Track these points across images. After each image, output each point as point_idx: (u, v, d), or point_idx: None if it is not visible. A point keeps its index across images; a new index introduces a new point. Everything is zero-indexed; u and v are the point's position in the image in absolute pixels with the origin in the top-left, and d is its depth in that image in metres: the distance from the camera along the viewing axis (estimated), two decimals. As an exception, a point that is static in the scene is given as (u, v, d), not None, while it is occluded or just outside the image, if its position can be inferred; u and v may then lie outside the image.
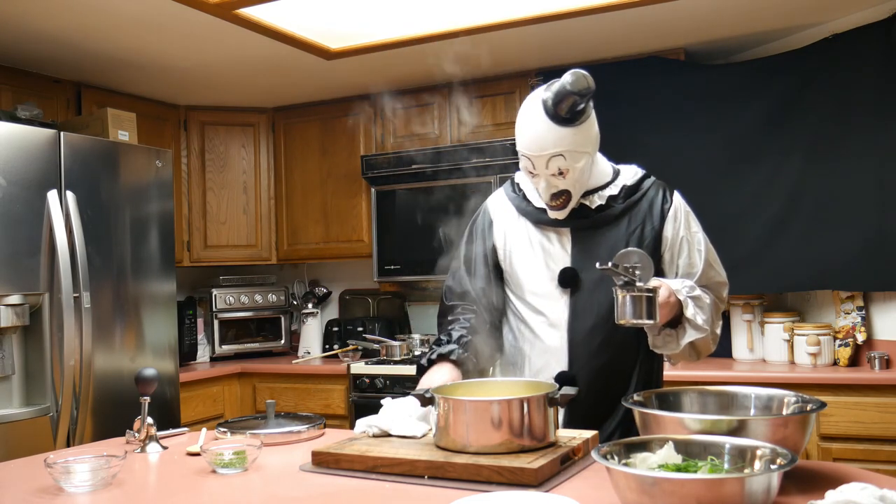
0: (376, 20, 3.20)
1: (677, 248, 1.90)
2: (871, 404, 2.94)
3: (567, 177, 1.82)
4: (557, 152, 1.78)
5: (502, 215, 2.02)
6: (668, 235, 1.90)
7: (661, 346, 1.85)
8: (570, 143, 1.78)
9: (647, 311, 1.67)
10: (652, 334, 1.84)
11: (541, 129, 1.79)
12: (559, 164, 1.80)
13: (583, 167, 1.83)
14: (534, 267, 1.94)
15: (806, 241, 3.30)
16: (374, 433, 1.76)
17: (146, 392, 1.95)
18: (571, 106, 1.75)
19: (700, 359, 1.91)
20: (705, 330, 1.79)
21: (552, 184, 1.83)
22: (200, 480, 1.64)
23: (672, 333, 1.82)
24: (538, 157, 1.80)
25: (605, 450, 1.27)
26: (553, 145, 1.78)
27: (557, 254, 1.91)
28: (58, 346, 2.93)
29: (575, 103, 1.75)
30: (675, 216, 1.90)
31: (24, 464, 1.89)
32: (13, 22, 3.04)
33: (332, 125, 4.40)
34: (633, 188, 1.92)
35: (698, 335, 1.80)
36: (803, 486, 1.35)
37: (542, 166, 1.81)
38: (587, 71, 1.75)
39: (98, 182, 3.17)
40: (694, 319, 1.78)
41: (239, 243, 4.49)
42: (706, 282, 1.89)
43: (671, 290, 1.75)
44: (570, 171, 1.81)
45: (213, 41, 3.36)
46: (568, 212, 1.88)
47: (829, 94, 3.28)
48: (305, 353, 4.41)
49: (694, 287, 1.81)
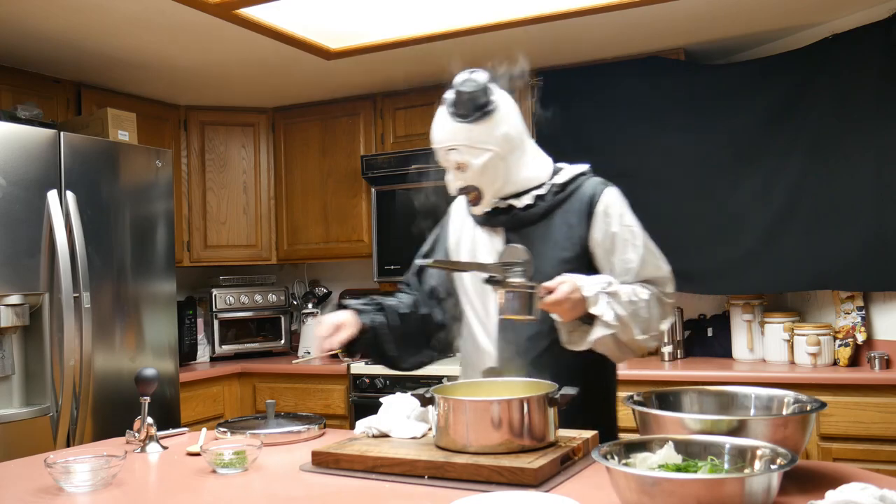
0: (376, 20, 3.20)
1: (609, 246, 1.89)
2: (871, 404, 2.94)
3: (467, 172, 1.87)
4: (451, 146, 1.87)
5: (458, 215, 2.11)
6: (598, 233, 1.89)
7: (574, 343, 1.83)
8: (465, 139, 1.85)
9: (524, 307, 1.70)
10: (564, 330, 1.83)
11: (439, 123, 1.90)
12: (455, 158, 1.87)
13: (485, 164, 1.86)
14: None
15: (806, 241, 3.30)
16: (374, 434, 1.76)
17: (146, 392, 1.95)
18: (466, 102, 1.84)
19: (637, 356, 1.91)
20: (615, 327, 1.75)
21: (457, 177, 1.91)
22: (200, 480, 1.64)
23: (586, 329, 1.80)
24: (437, 150, 1.91)
25: (605, 450, 1.27)
26: (447, 139, 1.87)
27: (488, 253, 1.96)
28: (58, 346, 2.93)
29: (469, 99, 1.83)
30: (606, 213, 1.89)
31: (24, 464, 1.89)
32: (13, 22, 3.04)
33: (332, 125, 4.40)
34: (561, 186, 1.93)
35: (607, 332, 1.76)
36: (803, 486, 1.35)
37: (443, 158, 1.90)
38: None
39: (98, 182, 3.17)
40: (601, 316, 1.75)
41: (239, 243, 4.49)
42: (647, 276, 1.87)
43: (575, 286, 1.73)
44: (469, 165, 1.86)
45: (213, 41, 3.36)
46: (484, 208, 1.93)
47: (829, 94, 3.28)
48: (305, 353, 4.40)
49: (612, 283, 1.78)
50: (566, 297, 1.72)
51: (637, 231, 1.91)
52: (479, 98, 1.84)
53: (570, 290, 1.72)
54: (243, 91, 4.22)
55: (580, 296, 1.74)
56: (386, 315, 2.02)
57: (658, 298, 1.86)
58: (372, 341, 1.99)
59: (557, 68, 3.83)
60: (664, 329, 1.89)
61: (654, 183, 3.60)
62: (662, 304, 1.87)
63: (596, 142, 3.72)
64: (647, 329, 1.82)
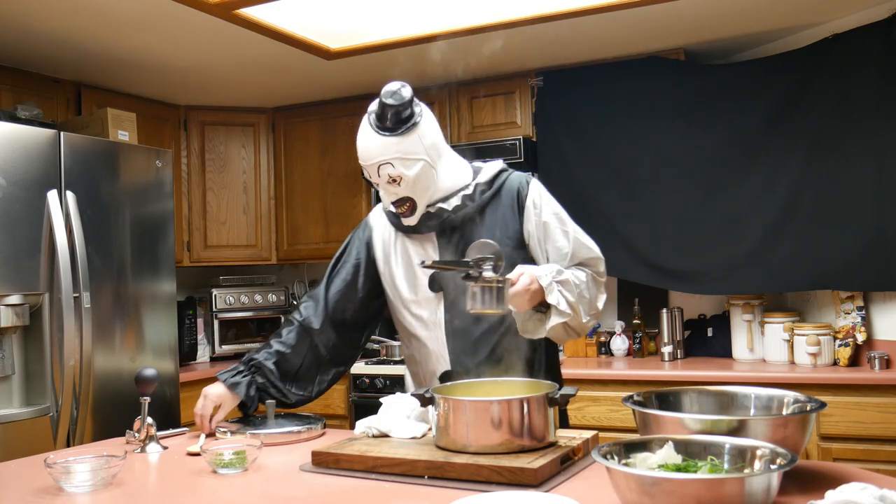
0: (376, 20, 3.20)
1: (542, 235, 1.95)
2: (871, 404, 2.94)
3: (402, 183, 1.88)
4: (385, 160, 1.86)
5: (380, 229, 2.10)
6: (531, 225, 1.95)
7: (531, 331, 1.88)
8: (397, 151, 1.86)
9: (495, 299, 1.71)
10: (520, 320, 1.87)
11: (367, 139, 1.90)
12: (389, 172, 1.87)
13: (418, 174, 1.88)
14: (407, 275, 2.01)
15: (806, 241, 3.30)
16: (374, 434, 1.76)
17: (146, 392, 1.95)
18: (392, 116, 1.85)
19: (581, 336, 1.98)
20: (569, 314, 1.82)
21: (390, 191, 1.91)
22: (200, 480, 1.64)
23: (541, 318, 1.86)
24: (369, 167, 1.89)
25: (605, 450, 1.27)
26: (379, 154, 1.87)
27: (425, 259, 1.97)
28: (58, 346, 2.93)
29: (395, 113, 1.85)
30: (535, 205, 1.95)
31: (24, 464, 1.89)
32: (13, 22, 3.04)
33: (332, 125, 4.40)
34: (487, 184, 1.98)
35: (562, 319, 1.82)
36: (803, 486, 1.35)
37: (375, 175, 1.89)
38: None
39: (98, 182, 3.17)
40: (558, 305, 1.80)
41: (239, 243, 4.49)
42: (580, 259, 1.93)
43: (533, 277, 1.78)
44: (403, 178, 1.87)
45: (213, 41, 3.36)
46: (417, 217, 1.95)
47: (829, 94, 3.28)
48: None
49: (561, 271, 1.84)
50: (526, 289, 1.76)
51: (565, 217, 1.97)
52: (405, 110, 1.86)
53: (529, 282, 1.77)
54: (243, 91, 4.22)
55: (537, 286, 1.79)
56: (264, 373, 2.10)
57: (593, 278, 1.93)
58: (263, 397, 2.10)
59: (557, 68, 3.84)
60: (601, 307, 1.96)
61: (653, 183, 3.61)
62: (598, 284, 1.95)
63: (596, 142, 3.73)
64: (590, 310, 1.90)
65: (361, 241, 2.13)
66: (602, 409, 3.35)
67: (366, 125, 1.92)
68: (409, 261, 2.02)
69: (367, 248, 2.11)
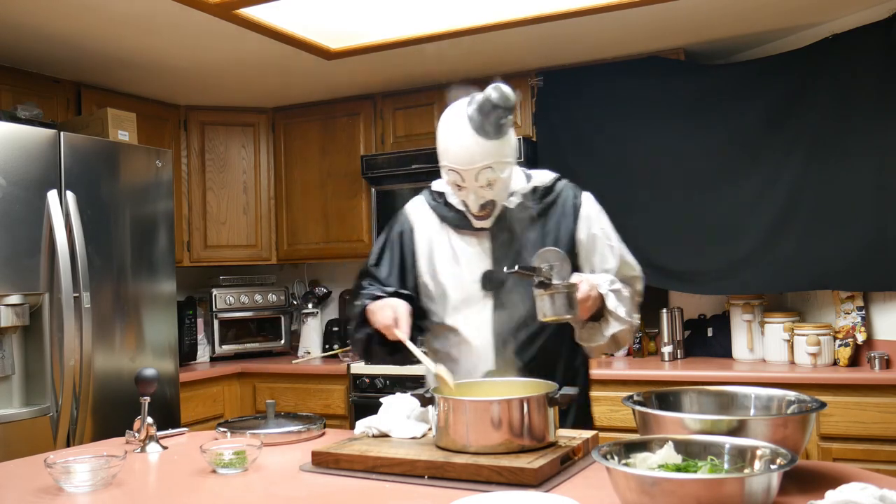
0: (376, 20, 3.20)
1: (590, 247, 1.98)
2: (871, 404, 2.94)
3: (494, 187, 1.88)
4: (487, 164, 1.84)
5: (424, 223, 2.06)
6: (582, 234, 1.97)
7: (587, 339, 1.92)
8: (497, 155, 1.84)
9: (566, 306, 1.72)
10: (578, 327, 1.90)
11: (470, 143, 1.83)
12: (488, 176, 1.85)
13: (507, 176, 1.90)
14: (456, 272, 1.98)
15: (806, 241, 3.30)
16: (374, 434, 1.76)
17: (146, 392, 1.95)
18: (497, 119, 1.82)
19: (619, 349, 2.00)
20: (627, 321, 1.87)
21: (480, 195, 1.88)
22: (200, 480, 1.64)
23: (596, 326, 1.89)
24: (468, 171, 1.85)
25: (605, 450, 1.27)
26: (483, 158, 1.83)
27: (478, 257, 1.97)
28: (58, 346, 2.93)
29: (500, 117, 1.82)
30: (588, 216, 1.98)
31: (24, 464, 1.89)
32: (13, 22, 3.04)
33: (332, 125, 4.40)
34: (547, 189, 1.99)
35: (621, 326, 1.86)
36: (803, 486, 1.35)
37: (472, 179, 1.86)
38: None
39: (98, 182, 3.17)
40: (616, 311, 1.84)
41: (239, 243, 4.49)
42: (622, 276, 1.96)
43: (592, 285, 1.80)
44: (497, 181, 1.87)
45: (213, 41, 3.36)
46: (493, 220, 1.95)
47: (829, 94, 3.28)
48: (305, 353, 4.41)
49: (614, 280, 1.89)
50: (587, 295, 1.77)
51: (612, 234, 2.01)
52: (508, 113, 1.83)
53: (590, 289, 1.79)
54: (243, 91, 4.22)
55: (597, 293, 1.81)
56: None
57: (632, 296, 1.97)
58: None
59: (557, 68, 3.83)
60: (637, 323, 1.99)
61: (653, 183, 3.61)
62: (635, 302, 1.99)
63: (596, 142, 3.73)
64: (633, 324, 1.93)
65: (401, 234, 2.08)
66: (602, 409, 3.34)
67: (463, 127, 1.85)
68: (456, 256, 1.98)
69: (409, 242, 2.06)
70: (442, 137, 1.90)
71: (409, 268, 2.05)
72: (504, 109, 1.81)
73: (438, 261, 2.01)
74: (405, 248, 2.06)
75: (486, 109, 1.81)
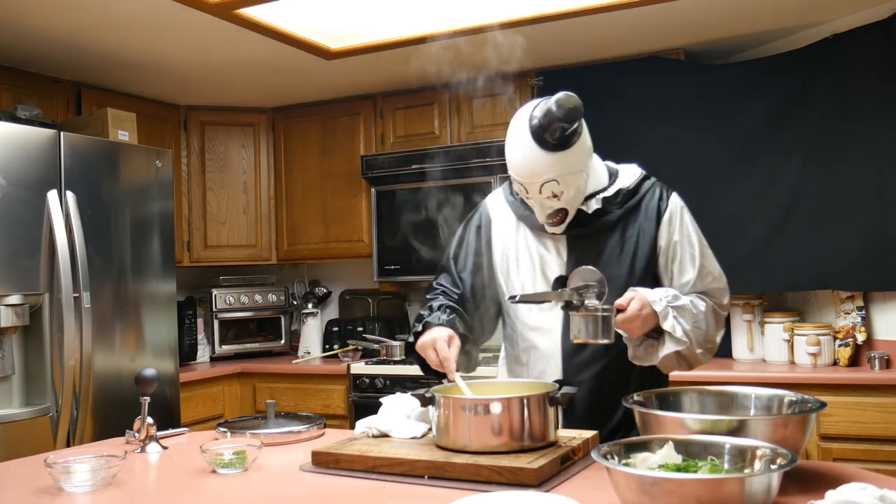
0: (376, 20, 3.20)
1: (671, 254, 1.86)
2: (871, 404, 2.94)
3: (562, 198, 1.78)
4: (550, 178, 1.74)
5: (501, 218, 1.99)
6: (663, 241, 1.86)
7: (641, 358, 1.80)
8: (562, 168, 1.74)
9: (600, 330, 1.65)
10: (631, 345, 1.80)
11: (530, 156, 1.74)
12: (552, 189, 1.76)
13: (578, 186, 1.79)
14: (529, 273, 1.91)
15: (806, 241, 3.30)
16: (374, 434, 1.76)
17: (146, 392, 1.95)
18: (561, 131, 1.71)
19: (693, 368, 1.86)
20: (684, 342, 1.74)
21: (546, 205, 1.80)
22: (200, 480, 1.64)
23: (653, 345, 1.78)
24: (530, 184, 1.77)
25: (605, 450, 1.27)
26: (544, 172, 1.74)
27: (553, 261, 1.88)
28: (58, 346, 2.93)
29: (564, 129, 1.71)
30: (671, 220, 1.86)
31: (24, 464, 1.89)
32: (13, 22, 3.04)
33: (332, 125, 4.40)
34: (630, 192, 1.87)
35: (677, 347, 1.74)
36: (803, 486, 1.35)
37: (536, 191, 1.77)
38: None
39: (98, 182, 3.17)
40: (672, 332, 1.73)
41: (239, 243, 4.49)
42: (703, 288, 1.84)
43: (644, 302, 1.70)
44: (565, 192, 1.77)
45: (213, 41, 3.36)
46: (566, 226, 1.85)
47: (829, 94, 3.28)
48: (305, 353, 4.40)
49: (678, 297, 1.76)
50: (637, 314, 1.68)
51: (696, 241, 1.88)
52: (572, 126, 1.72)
53: (640, 307, 1.69)
54: (243, 91, 4.22)
55: (650, 311, 1.70)
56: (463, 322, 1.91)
57: (713, 310, 1.83)
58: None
59: (557, 68, 3.83)
60: (718, 341, 1.85)
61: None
62: (717, 316, 1.84)
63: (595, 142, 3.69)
64: (705, 342, 1.80)
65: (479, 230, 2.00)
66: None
67: (525, 139, 1.74)
68: (531, 257, 1.90)
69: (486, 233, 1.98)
70: (507, 145, 1.81)
71: (486, 264, 1.97)
72: (567, 122, 1.69)
73: (512, 260, 1.93)
74: (481, 243, 1.98)
75: (548, 122, 1.70)
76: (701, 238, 1.90)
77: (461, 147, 3.88)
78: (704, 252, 1.88)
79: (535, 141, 1.73)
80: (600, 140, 3.98)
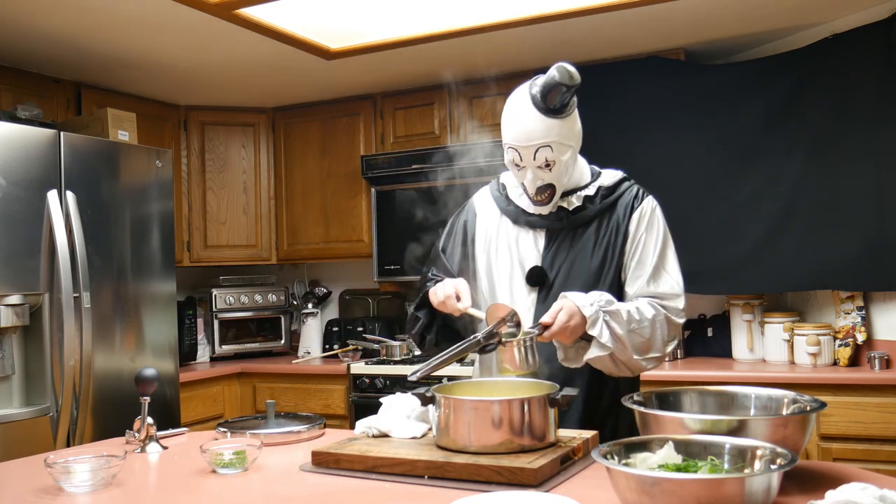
0: (376, 20, 3.20)
1: (633, 248, 1.90)
2: (871, 404, 2.94)
3: (553, 169, 1.85)
4: (545, 143, 1.82)
5: (486, 211, 2.06)
6: (630, 234, 1.91)
7: (571, 360, 1.82)
8: (557, 135, 1.82)
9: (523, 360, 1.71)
10: (561, 348, 1.82)
11: (529, 120, 1.83)
12: (546, 155, 1.83)
13: (567, 161, 1.87)
14: (506, 264, 1.97)
15: (806, 241, 3.30)
16: (374, 434, 1.76)
17: (146, 392, 1.95)
18: (560, 97, 1.81)
19: (636, 374, 1.88)
20: (609, 348, 1.75)
21: (538, 176, 1.86)
22: (200, 480, 1.64)
23: (585, 346, 1.79)
24: (526, 148, 1.84)
25: (605, 450, 1.27)
26: (542, 136, 1.82)
27: (529, 252, 1.95)
28: (58, 346, 2.93)
29: (562, 95, 1.81)
30: (641, 217, 1.92)
31: (24, 464, 1.89)
32: (13, 22, 3.04)
33: (332, 125, 4.40)
34: (609, 190, 1.95)
35: (602, 352, 1.76)
36: (803, 486, 1.35)
37: (530, 157, 1.84)
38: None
39: (98, 182, 3.17)
40: (598, 337, 1.74)
41: (239, 243, 4.50)
42: (657, 289, 1.86)
43: (573, 311, 1.73)
44: (556, 163, 1.84)
45: (213, 41, 3.36)
46: (553, 206, 1.91)
47: (829, 94, 3.28)
48: (305, 353, 4.41)
49: (612, 301, 1.78)
50: (563, 327, 1.73)
51: (661, 241, 1.91)
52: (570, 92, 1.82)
53: (568, 318, 1.72)
54: (243, 91, 4.22)
55: (579, 319, 1.74)
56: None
57: (666, 318, 1.83)
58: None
59: (557, 68, 3.83)
60: (668, 350, 1.85)
61: (653, 183, 3.55)
62: (669, 325, 1.84)
63: (595, 142, 3.69)
64: (646, 350, 1.80)
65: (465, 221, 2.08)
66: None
67: (525, 104, 1.84)
68: (509, 248, 1.96)
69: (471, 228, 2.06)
70: (504, 116, 1.89)
71: (470, 256, 2.04)
72: (565, 87, 1.79)
73: (492, 252, 2.00)
74: (467, 236, 2.06)
75: (549, 86, 1.80)
76: (667, 240, 1.93)
77: (461, 147, 3.88)
78: (665, 253, 1.91)
79: (535, 106, 1.83)
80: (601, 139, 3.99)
